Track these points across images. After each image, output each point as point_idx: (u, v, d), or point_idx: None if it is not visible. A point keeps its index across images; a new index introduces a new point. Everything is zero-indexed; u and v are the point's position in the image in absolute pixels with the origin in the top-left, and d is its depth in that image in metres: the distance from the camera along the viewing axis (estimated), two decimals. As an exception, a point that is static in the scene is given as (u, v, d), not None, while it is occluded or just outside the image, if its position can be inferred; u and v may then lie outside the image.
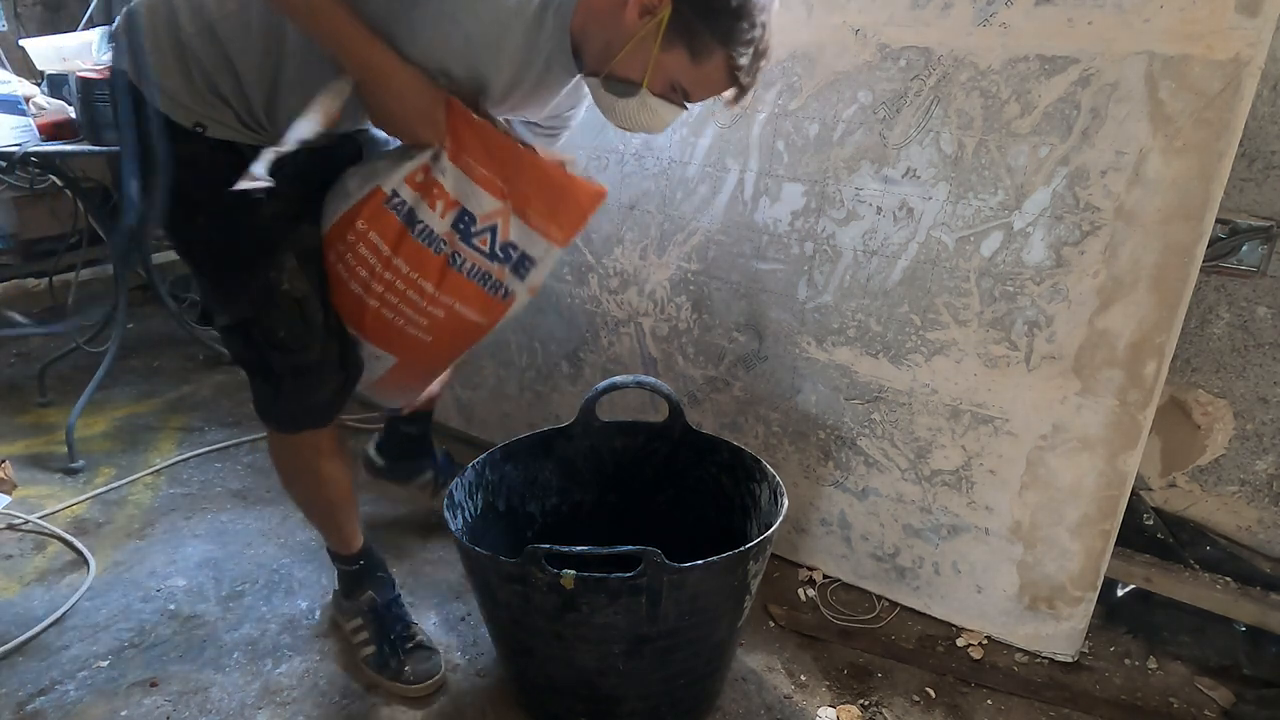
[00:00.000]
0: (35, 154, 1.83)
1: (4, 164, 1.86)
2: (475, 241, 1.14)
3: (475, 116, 1.10)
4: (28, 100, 1.92)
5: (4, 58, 2.41)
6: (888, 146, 1.39)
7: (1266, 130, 1.35)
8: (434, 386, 1.57)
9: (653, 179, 1.66)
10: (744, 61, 1.03)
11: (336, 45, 1.01)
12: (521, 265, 1.18)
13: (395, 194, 1.11)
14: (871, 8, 1.36)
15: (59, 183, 2.18)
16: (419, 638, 1.38)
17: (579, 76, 1.13)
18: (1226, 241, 1.40)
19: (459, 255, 1.14)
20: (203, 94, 1.05)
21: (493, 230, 1.15)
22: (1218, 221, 1.33)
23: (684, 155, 1.61)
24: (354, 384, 1.25)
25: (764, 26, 1.02)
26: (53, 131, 1.90)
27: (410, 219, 1.12)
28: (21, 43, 2.13)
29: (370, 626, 1.37)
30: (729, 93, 1.08)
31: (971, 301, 1.38)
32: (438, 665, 1.35)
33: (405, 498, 1.80)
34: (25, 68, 2.25)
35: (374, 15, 0.99)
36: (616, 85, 1.07)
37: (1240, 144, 1.16)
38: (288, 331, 1.14)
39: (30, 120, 1.89)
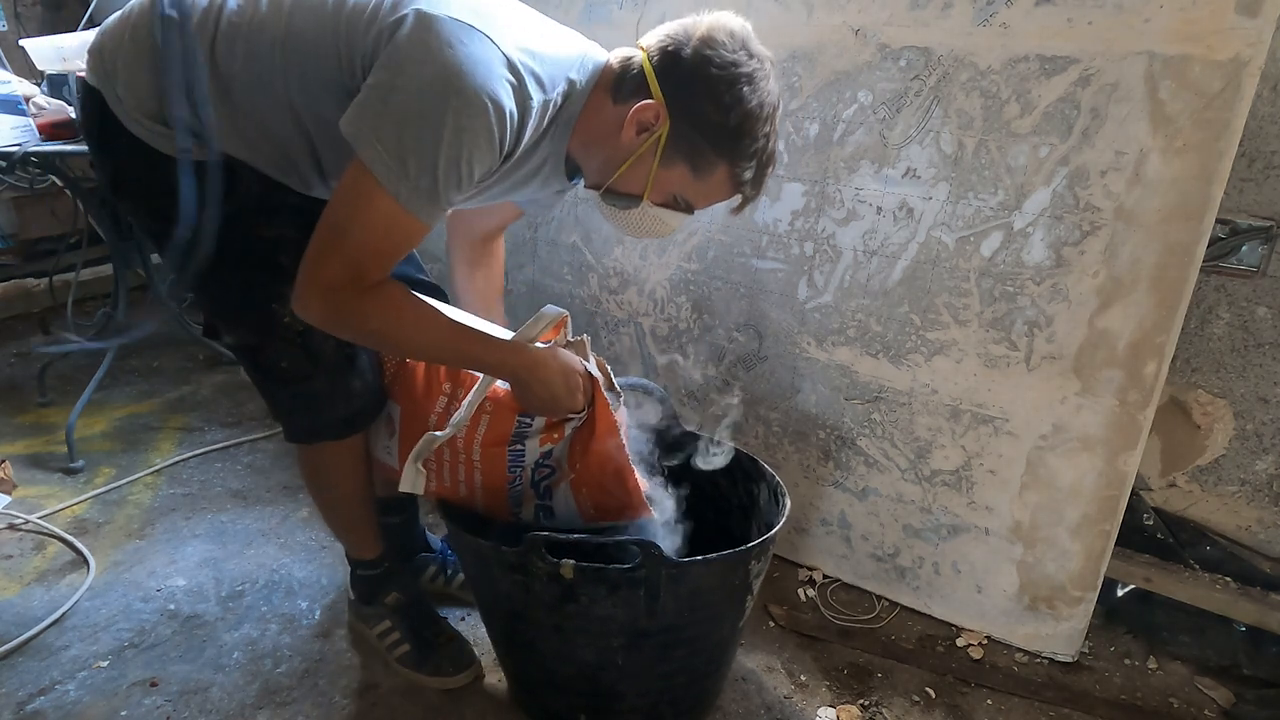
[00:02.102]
0: (35, 154, 1.83)
1: (4, 164, 1.85)
2: (536, 472, 1.18)
3: (605, 399, 1.14)
4: (28, 100, 1.92)
5: (4, 58, 2.41)
6: (888, 146, 1.39)
7: (1266, 130, 1.35)
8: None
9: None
10: (748, 175, 1.03)
11: (479, 365, 1.06)
12: (545, 513, 1.21)
13: (533, 417, 1.15)
14: (871, 8, 1.36)
15: (59, 183, 2.18)
16: (449, 630, 1.39)
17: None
18: (1226, 241, 1.40)
19: (519, 481, 1.18)
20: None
21: (551, 472, 1.18)
22: (1218, 221, 1.33)
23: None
24: (377, 412, 1.23)
25: (767, 137, 1.01)
26: (53, 131, 1.90)
27: (519, 438, 1.15)
28: (21, 43, 2.12)
29: (401, 626, 1.37)
30: (734, 200, 1.08)
31: (971, 301, 1.38)
32: (472, 654, 1.36)
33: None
34: (25, 68, 2.25)
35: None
36: (617, 199, 1.07)
37: (1240, 144, 1.16)
38: (290, 362, 1.13)
39: (30, 120, 1.89)
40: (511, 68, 0.91)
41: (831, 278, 1.51)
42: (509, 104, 0.91)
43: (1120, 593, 1.56)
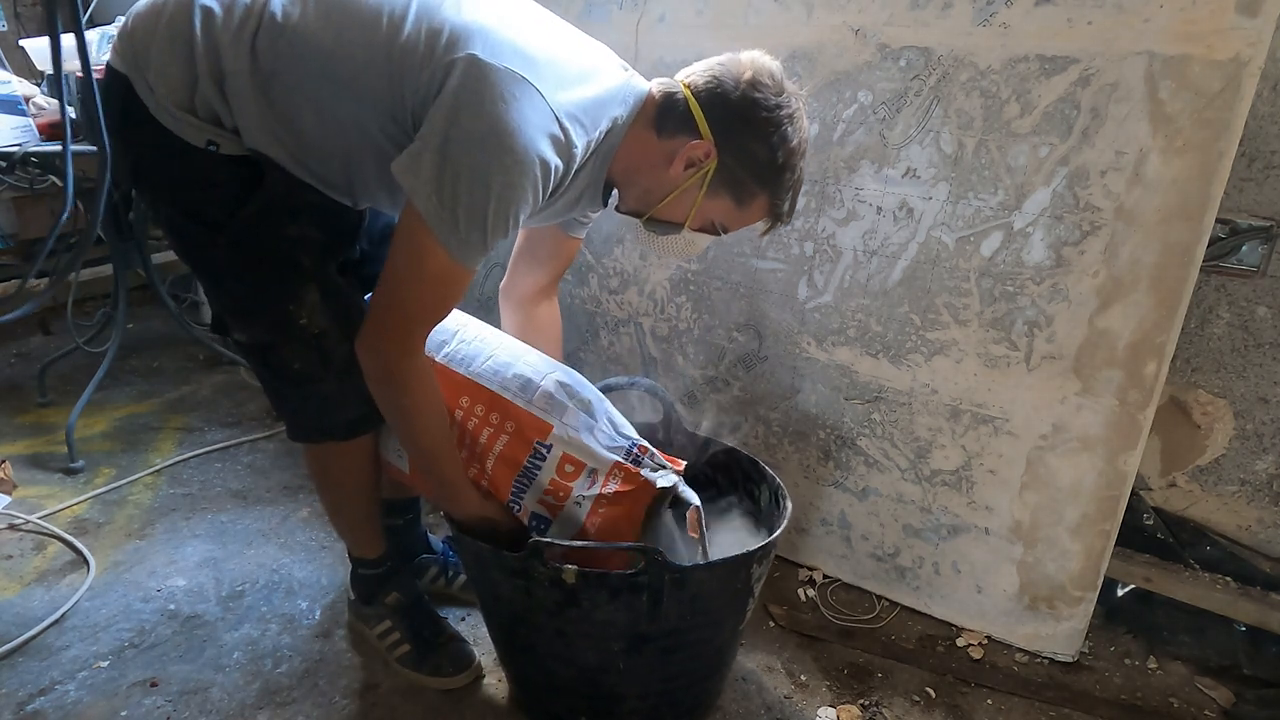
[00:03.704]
0: (35, 154, 1.83)
1: (4, 164, 1.85)
2: (542, 508, 1.17)
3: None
4: (28, 100, 1.92)
5: (4, 58, 2.41)
6: (888, 146, 1.39)
7: (1266, 130, 1.35)
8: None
9: (653, 179, 1.66)
10: (786, 206, 1.10)
11: (445, 485, 1.15)
12: (540, 522, 1.20)
13: (549, 448, 1.14)
14: (871, 8, 1.36)
15: (59, 183, 2.18)
16: (450, 630, 1.39)
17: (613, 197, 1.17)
18: (1226, 241, 1.40)
19: (519, 506, 1.17)
20: (207, 123, 1.02)
21: (546, 520, 1.17)
22: (1218, 221, 1.33)
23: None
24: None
25: (802, 169, 1.08)
26: (53, 132, 1.90)
27: (531, 469, 1.15)
28: (21, 43, 2.13)
29: (401, 626, 1.37)
30: (762, 224, 1.14)
31: (971, 301, 1.38)
32: (472, 654, 1.36)
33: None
34: (25, 68, 2.25)
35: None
36: (658, 226, 1.13)
37: (1240, 144, 1.16)
38: (303, 364, 1.13)
39: (30, 120, 1.89)
40: (559, 121, 0.95)
41: (831, 278, 1.51)
42: (554, 160, 0.96)
43: (1120, 593, 1.56)
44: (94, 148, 1.87)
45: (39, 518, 1.74)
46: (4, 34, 2.84)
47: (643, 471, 1.14)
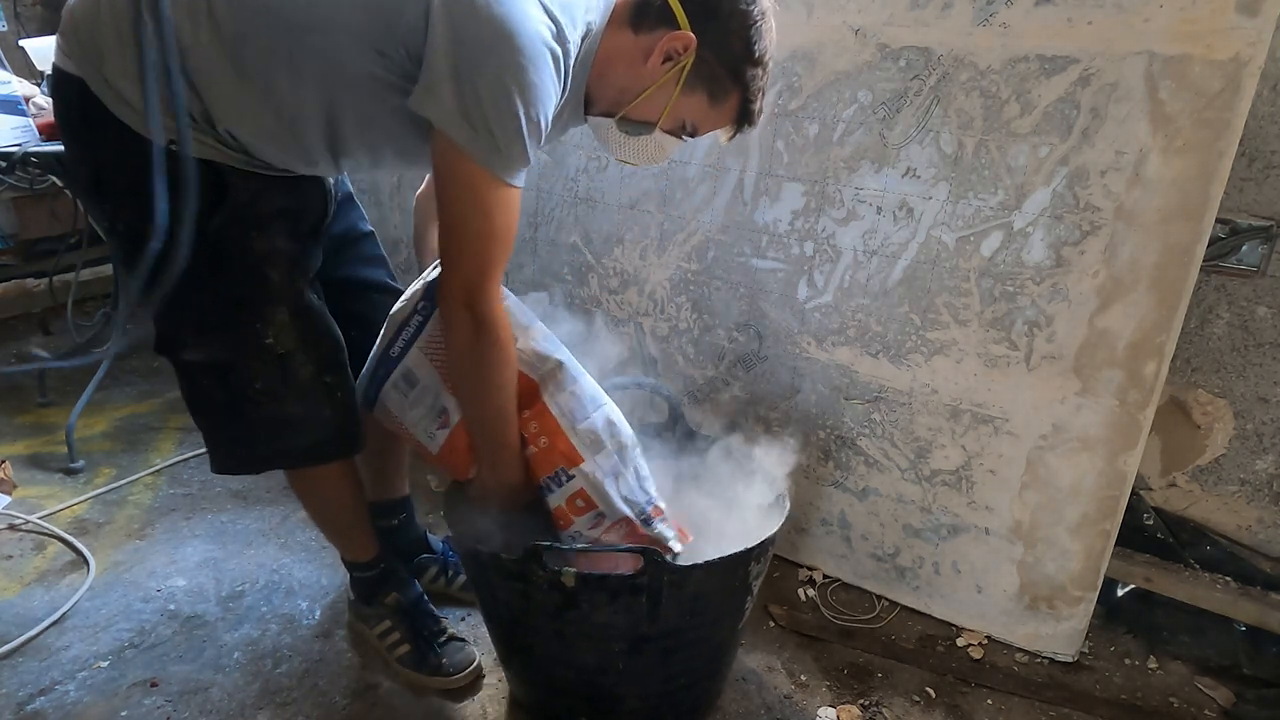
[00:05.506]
0: (35, 154, 1.83)
1: (4, 164, 1.85)
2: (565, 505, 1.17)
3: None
4: (28, 100, 1.92)
5: (4, 58, 2.41)
6: (888, 146, 1.39)
7: (1266, 130, 1.35)
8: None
9: (653, 179, 1.66)
10: (756, 105, 1.09)
11: (497, 445, 1.13)
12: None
13: (571, 478, 1.14)
14: (871, 8, 1.36)
15: (59, 183, 2.18)
16: (450, 630, 1.39)
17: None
18: (1226, 241, 1.40)
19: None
20: (170, 115, 0.95)
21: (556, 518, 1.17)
22: (1218, 221, 1.33)
23: (684, 155, 1.61)
24: (347, 449, 1.20)
25: (770, 71, 1.08)
26: (53, 131, 1.90)
27: (546, 489, 1.15)
28: (21, 43, 2.13)
29: (401, 626, 1.36)
30: (726, 131, 1.13)
31: (971, 301, 1.38)
32: (472, 653, 1.36)
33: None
34: (25, 68, 2.25)
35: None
36: (631, 126, 1.10)
37: (1240, 144, 1.16)
38: (265, 383, 1.10)
39: (30, 120, 1.89)
40: (549, 13, 0.94)
41: (831, 278, 1.51)
42: (557, 48, 0.95)
43: (1120, 592, 1.56)
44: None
45: (39, 518, 1.74)
46: (4, 34, 2.83)
47: (651, 529, 1.13)
